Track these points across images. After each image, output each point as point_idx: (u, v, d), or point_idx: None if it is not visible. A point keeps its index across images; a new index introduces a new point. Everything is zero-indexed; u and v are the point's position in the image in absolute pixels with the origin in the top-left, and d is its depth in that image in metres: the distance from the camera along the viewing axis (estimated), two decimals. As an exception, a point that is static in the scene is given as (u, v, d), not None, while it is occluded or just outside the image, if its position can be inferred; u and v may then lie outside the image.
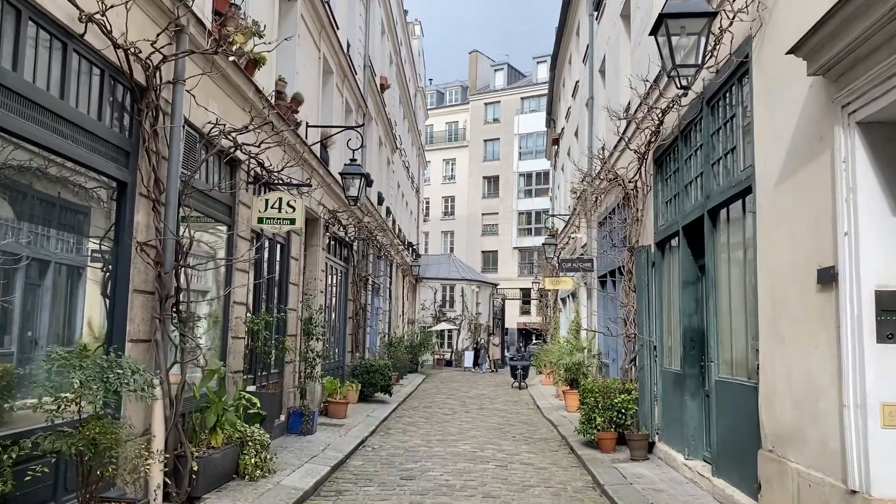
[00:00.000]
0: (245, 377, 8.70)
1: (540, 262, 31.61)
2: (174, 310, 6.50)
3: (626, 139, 10.80)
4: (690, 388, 8.51)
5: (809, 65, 4.86)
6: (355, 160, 11.81)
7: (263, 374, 9.91)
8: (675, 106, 8.61)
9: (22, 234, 4.97)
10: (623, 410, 10.18)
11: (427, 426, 13.34)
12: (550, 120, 31.66)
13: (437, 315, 38.67)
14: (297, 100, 10.80)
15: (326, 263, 14.39)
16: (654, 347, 9.95)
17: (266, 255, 10.26)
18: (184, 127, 6.88)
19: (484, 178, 53.58)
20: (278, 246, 10.79)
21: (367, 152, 18.65)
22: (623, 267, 11.42)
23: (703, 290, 8.44)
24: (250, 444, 7.55)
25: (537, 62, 52.66)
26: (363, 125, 15.47)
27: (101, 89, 5.70)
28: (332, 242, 15.21)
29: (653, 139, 9.92)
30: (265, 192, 9.21)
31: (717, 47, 6.86)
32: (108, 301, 5.90)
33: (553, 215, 21.89)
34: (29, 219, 5.17)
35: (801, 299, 5.30)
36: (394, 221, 26.09)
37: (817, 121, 5.04)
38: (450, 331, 39.50)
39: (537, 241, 44.35)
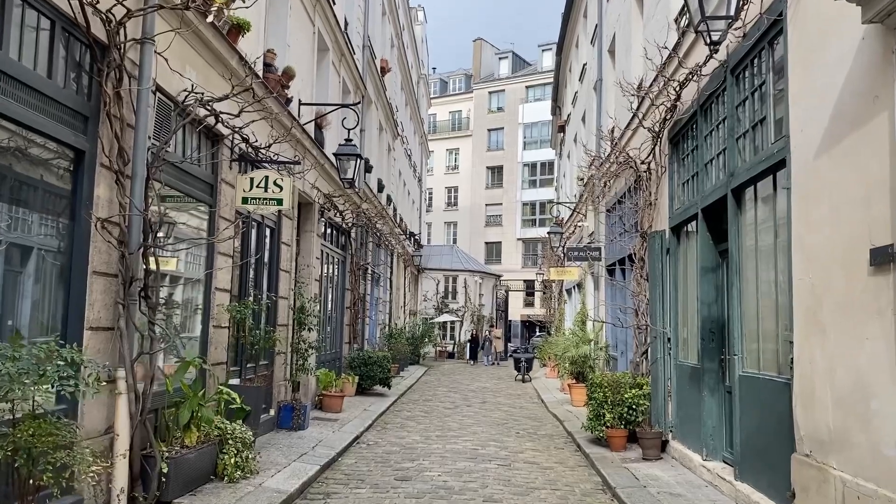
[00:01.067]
0: (227, 370, 8.06)
1: (544, 253, 30.97)
2: (142, 295, 5.86)
3: (640, 116, 10.10)
4: (709, 384, 7.86)
5: (864, 11, 4.18)
6: (351, 140, 11.14)
7: (250, 366, 9.28)
8: (695, 77, 7.92)
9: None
10: (634, 406, 9.56)
11: (426, 421, 12.72)
12: (556, 107, 30.93)
13: (439, 306, 38.05)
14: (289, 74, 10.14)
15: (322, 251, 13.74)
16: (669, 339, 9.29)
17: (254, 239, 9.62)
18: (155, 93, 6.23)
19: (488, 168, 52.82)
20: (268, 230, 10.14)
21: (367, 137, 17.98)
22: (634, 254, 10.75)
23: (725, 277, 7.78)
24: (230, 442, 6.92)
25: (542, 50, 51.81)
26: (359, 103, 14.78)
27: (52, 44, 5.04)
28: (329, 229, 14.56)
29: (668, 116, 9.24)
30: (251, 171, 8.55)
31: (746, 6, 6.17)
32: (63, 285, 5.26)
33: (559, 203, 21.18)
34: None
35: (847, 284, 4.64)
36: (395, 210, 25.44)
37: (871, 78, 4.36)
38: (452, 322, 38.89)
39: (541, 232, 43.73)
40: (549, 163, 46.95)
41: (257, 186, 8.19)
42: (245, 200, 8.21)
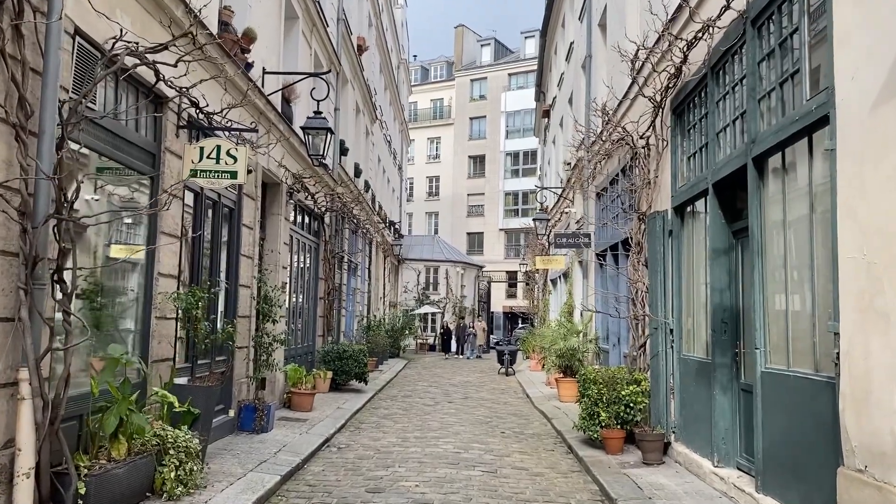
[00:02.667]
0: (173, 367, 7.03)
1: (528, 242, 30.08)
2: (55, 279, 4.83)
3: (640, 84, 9.16)
4: (721, 381, 6.97)
5: None
6: (320, 113, 10.09)
7: (204, 362, 8.25)
8: (707, 34, 6.98)
9: None
10: (632, 404, 8.68)
11: (405, 419, 11.76)
12: (540, 92, 30.00)
13: (420, 298, 37.06)
14: (249, 36, 9.08)
15: (292, 236, 12.71)
16: (671, 331, 8.40)
17: (209, 219, 8.57)
18: (73, 37, 5.19)
19: (469, 157, 51.77)
20: (226, 210, 9.09)
21: (342, 117, 16.92)
22: (631, 238, 9.84)
23: (741, 260, 6.89)
24: (172, 452, 5.91)
25: (525, 37, 50.81)
26: (329, 72, 13.71)
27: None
28: (300, 213, 13.52)
29: (672, 83, 8.32)
30: (201, 139, 7.50)
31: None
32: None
33: (544, 188, 20.26)
34: None
35: (919, 261, 3.73)
36: (373, 197, 24.39)
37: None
38: (434, 314, 37.92)
39: (524, 222, 42.74)
40: (532, 152, 46.04)
41: (208, 157, 7.14)
42: (194, 173, 7.16)
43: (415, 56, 55.95)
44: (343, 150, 16.87)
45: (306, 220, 14.07)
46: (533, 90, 38.57)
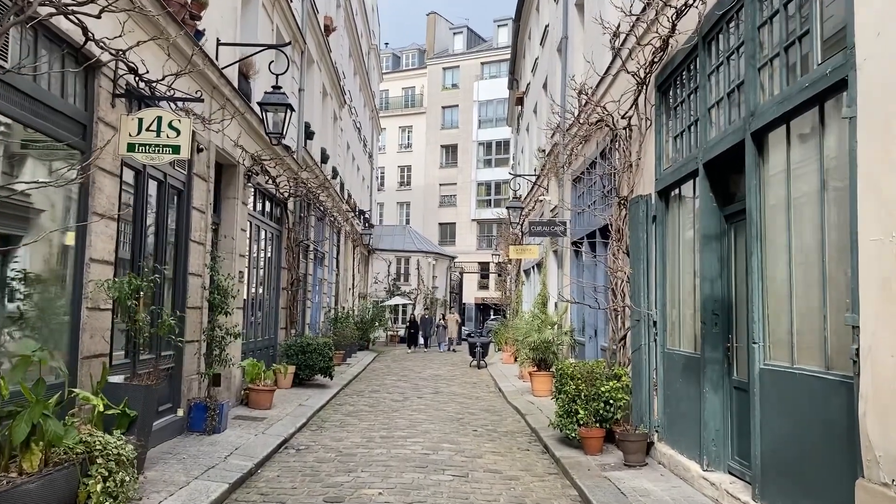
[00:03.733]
0: (106, 364, 6.28)
1: (501, 232, 29.51)
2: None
3: (622, 59, 8.57)
4: (711, 378, 6.42)
5: None
6: (280, 88, 9.35)
7: (148, 357, 7.50)
8: (699, 0, 6.40)
9: None
10: (611, 401, 8.15)
11: (371, 417, 11.10)
12: (513, 80, 29.41)
13: (390, 289, 36.38)
14: (200, 1, 8.30)
15: (251, 223, 11.95)
16: (654, 323, 7.86)
17: (153, 201, 7.80)
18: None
19: (442, 146, 51.04)
20: (174, 192, 8.32)
21: (308, 99, 16.13)
22: (610, 225, 9.28)
23: (734, 246, 6.34)
24: (100, 460, 5.18)
25: (498, 26, 50.16)
26: (290, 44, 12.91)
27: None
28: (260, 198, 12.75)
29: (657, 58, 7.75)
30: (140, 109, 6.72)
31: None
32: None
33: (518, 176, 19.64)
34: None
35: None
36: (342, 185, 23.60)
37: None
38: (405, 305, 37.24)
39: (497, 212, 42.20)
40: (506, 142, 45.50)
41: (147, 129, 6.38)
42: (131, 147, 6.40)
43: (386, 44, 55.21)
44: (308, 134, 16.09)
45: (267, 205, 13.29)
46: (506, 79, 37.98)
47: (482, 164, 49.15)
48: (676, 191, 7.58)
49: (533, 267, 20.54)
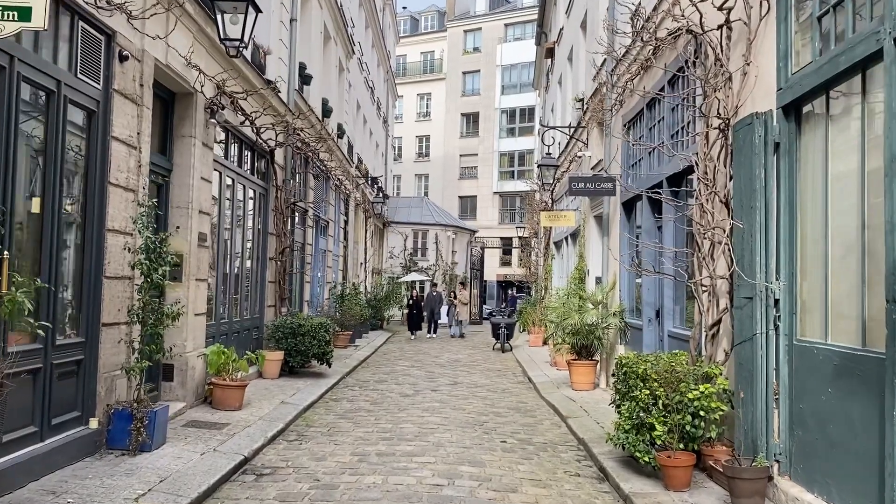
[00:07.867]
0: None
1: (529, 199, 26.69)
2: None
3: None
4: (907, 392, 3.86)
5: None
6: (240, -20, 6.83)
7: (34, 347, 5.09)
8: None
9: None
10: (701, 412, 5.64)
11: (370, 420, 8.68)
12: (542, 34, 26.55)
13: (407, 264, 33.88)
14: None
15: (221, 173, 9.50)
16: (775, 302, 5.29)
17: (39, 122, 5.35)
18: None
19: (462, 115, 48.15)
20: (80, 112, 5.86)
21: (303, 33, 13.60)
22: (696, 166, 6.67)
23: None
24: None
25: (523, -16, 47.06)
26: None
27: None
28: (235, 143, 10.28)
29: None
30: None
31: None
32: None
33: (551, 128, 16.93)
34: None
35: None
36: (351, 147, 21.10)
37: None
38: (422, 282, 34.73)
39: (520, 185, 39.40)
40: (530, 109, 42.59)
41: (-23, -19, 3.91)
42: (-46, 12, 3.93)
43: (404, 7, 52.17)
44: (304, 78, 13.55)
45: (246, 155, 10.82)
46: (531, 41, 35.08)
47: (505, 134, 46.29)
48: (821, 100, 4.96)
49: (566, 238, 17.94)
